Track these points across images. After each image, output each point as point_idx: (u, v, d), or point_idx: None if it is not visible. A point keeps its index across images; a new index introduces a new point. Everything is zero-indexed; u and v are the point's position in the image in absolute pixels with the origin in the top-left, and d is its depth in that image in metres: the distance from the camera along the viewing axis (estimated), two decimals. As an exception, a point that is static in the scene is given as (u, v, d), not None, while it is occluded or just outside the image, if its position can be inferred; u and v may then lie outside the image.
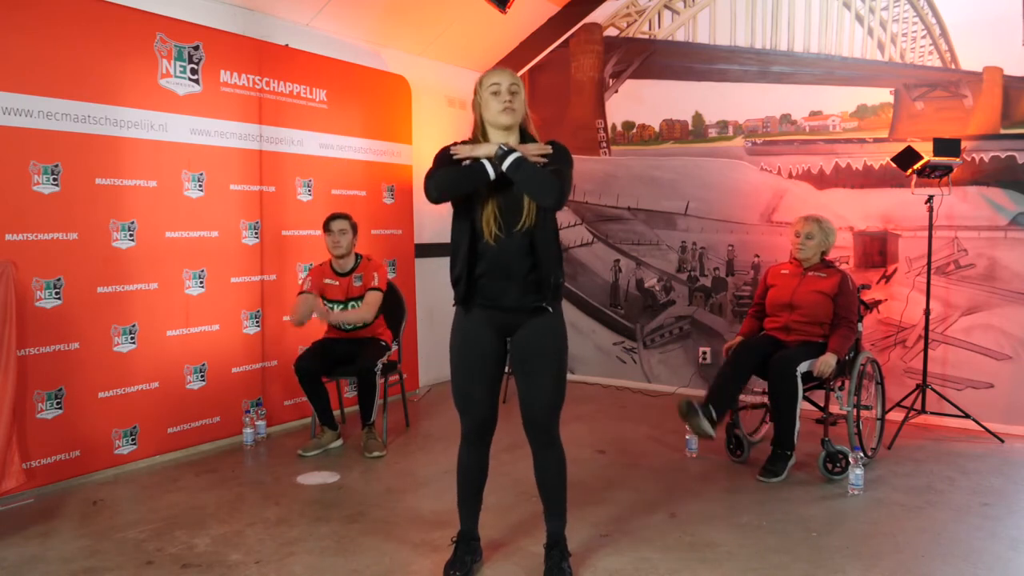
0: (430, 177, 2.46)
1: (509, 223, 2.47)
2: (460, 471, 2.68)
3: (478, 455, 2.65)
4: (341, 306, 4.15)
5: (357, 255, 4.24)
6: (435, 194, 2.44)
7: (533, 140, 2.56)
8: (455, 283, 2.54)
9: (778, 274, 3.99)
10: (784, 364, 3.62)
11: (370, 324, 4.20)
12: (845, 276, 3.83)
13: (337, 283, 4.17)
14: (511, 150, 2.41)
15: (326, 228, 4.15)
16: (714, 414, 3.53)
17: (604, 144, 5.83)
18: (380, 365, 4.09)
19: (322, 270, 4.24)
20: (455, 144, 2.53)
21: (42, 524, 3.13)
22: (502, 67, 2.64)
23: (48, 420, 3.48)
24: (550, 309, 2.54)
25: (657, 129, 5.62)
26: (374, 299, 4.12)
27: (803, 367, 3.63)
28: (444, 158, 2.52)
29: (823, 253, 3.91)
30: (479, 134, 2.56)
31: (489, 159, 2.42)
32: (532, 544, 2.87)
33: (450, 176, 2.44)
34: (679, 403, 3.57)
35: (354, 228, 4.20)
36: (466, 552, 2.68)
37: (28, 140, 3.39)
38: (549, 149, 2.50)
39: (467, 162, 2.47)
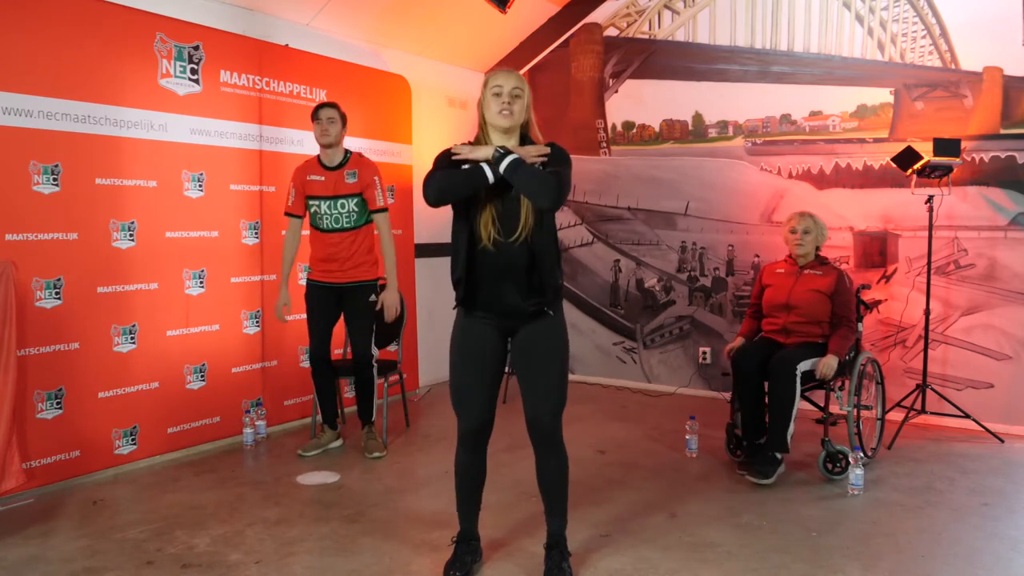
0: (429, 180, 2.47)
1: (508, 228, 2.47)
2: (458, 474, 2.67)
3: (475, 458, 2.64)
4: (328, 202, 3.93)
5: (346, 150, 4.04)
6: (433, 197, 2.45)
7: (533, 143, 2.56)
8: (455, 285, 2.55)
9: (773, 273, 3.98)
10: (783, 364, 3.61)
11: (361, 227, 3.99)
12: (841, 274, 3.83)
13: (323, 178, 3.94)
14: (508, 152, 2.42)
15: (314, 117, 3.91)
16: (776, 455, 3.59)
17: (604, 144, 5.83)
18: (376, 351, 4.04)
19: (306, 167, 4.01)
20: (456, 145, 2.54)
21: (42, 524, 3.13)
22: (505, 68, 2.63)
23: (48, 420, 3.48)
24: (551, 312, 2.55)
25: (657, 129, 5.62)
26: (387, 225, 3.96)
27: (803, 366, 3.62)
28: (444, 160, 2.53)
29: (817, 248, 3.91)
30: (482, 134, 2.57)
31: (488, 162, 2.43)
32: (532, 544, 2.87)
33: (448, 180, 2.45)
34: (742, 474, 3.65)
35: (343, 119, 3.96)
36: (466, 552, 2.68)
37: (28, 140, 3.39)
38: (547, 150, 2.51)
39: (466, 164, 2.47)
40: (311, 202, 3.99)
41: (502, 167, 2.40)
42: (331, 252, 3.96)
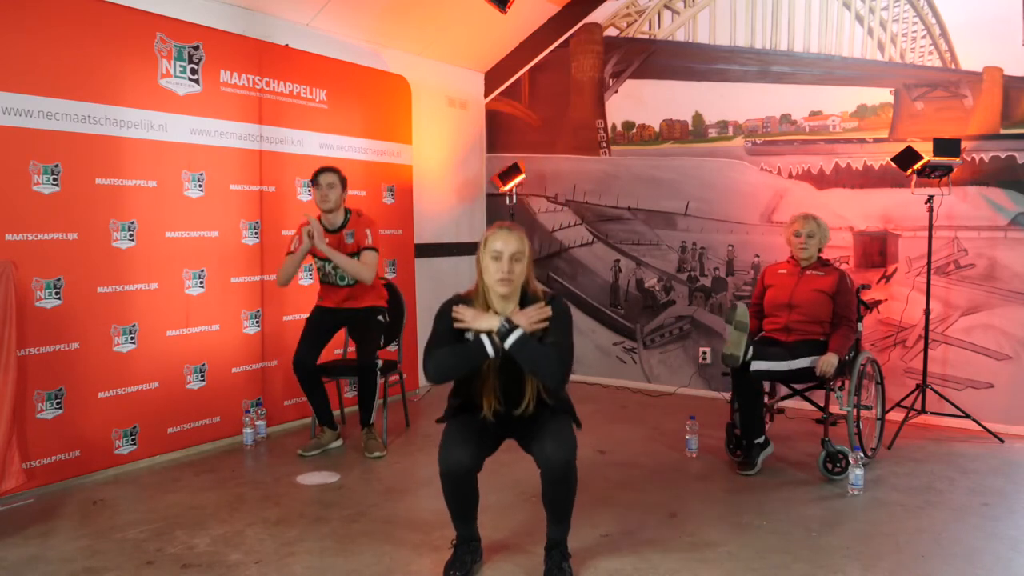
0: (429, 354, 2.48)
1: (510, 398, 2.53)
2: (447, 499, 2.60)
3: (464, 482, 2.54)
4: (331, 264, 4.01)
5: (346, 210, 4.10)
6: (435, 377, 2.47)
7: (534, 299, 2.54)
8: (450, 399, 2.64)
9: (775, 274, 3.99)
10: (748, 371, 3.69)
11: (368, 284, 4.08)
12: (843, 274, 3.83)
13: (326, 240, 4.00)
14: (514, 327, 2.40)
15: (314, 182, 4.00)
16: (766, 444, 3.71)
17: (604, 144, 5.83)
18: (380, 361, 4.06)
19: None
20: (457, 307, 2.51)
21: (42, 524, 3.13)
22: (509, 225, 2.55)
23: (48, 420, 3.48)
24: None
25: (657, 129, 5.62)
26: (372, 259, 3.99)
27: (802, 362, 3.65)
28: (444, 324, 2.51)
29: (819, 250, 3.92)
30: (481, 292, 2.57)
31: (490, 334, 2.42)
32: (532, 544, 2.87)
33: (450, 359, 2.47)
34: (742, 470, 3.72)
35: (343, 182, 4.03)
36: (466, 552, 2.68)
37: (28, 140, 3.39)
38: (549, 312, 2.48)
39: (469, 334, 2.48)
40: (317, 261, 4.10)
41: (508, 343, 2.40)
42: (340, 297, 4.11)
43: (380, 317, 4.14)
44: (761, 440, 3.76)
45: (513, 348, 2.39)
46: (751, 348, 3.60)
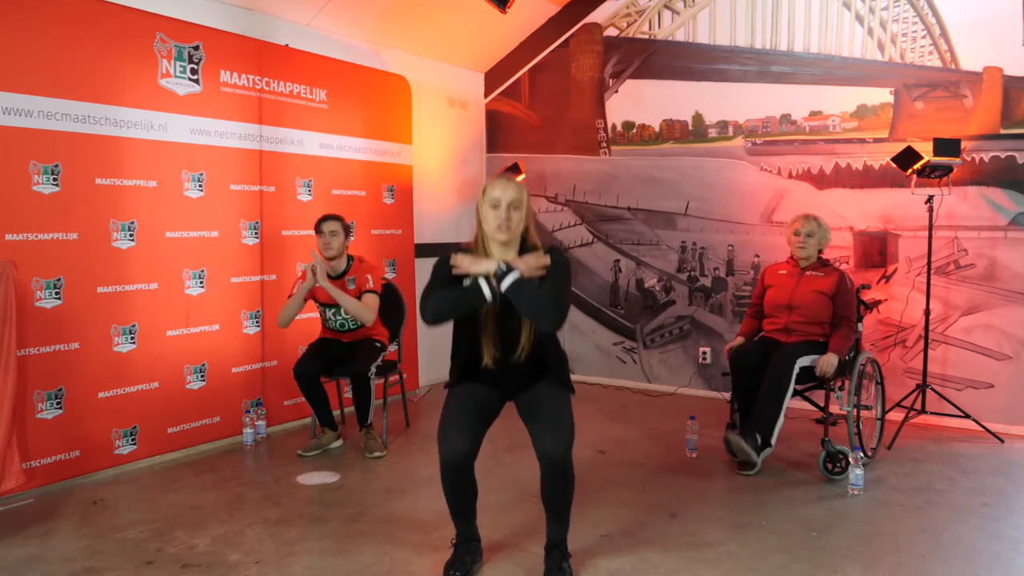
0: (426, 297, 2.48)
1: (508, 346, 2.53)
2: (447, 493, 2.60)
3: (461, 477, 2.53)
4: (333, 310, 4.11)
5: (349, 257, 4.18)
6: (431, 319, 2.47)
7: (533, 248, 2.55)
8: (452, 359, 2.62)
9: (775, 274, 3.99)
10: (784, 356, 3.62)
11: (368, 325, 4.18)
12: (843, 275, 3.83)
13: (329, 286, 4.12)
14: (510, 269, 2.40)
15: (317, 230, 4.09)
16: (759, 439, 3.55)
17: (604, 144, 5.83)
18: (375, 369, 4.06)
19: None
20: (456, 254, 2.51)
21: (42, 524, 3.13)
22: (507, 176, 2.58)
23: (48, 420, 3.48)
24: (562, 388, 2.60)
25: (657, 129, 5.62)
26: (372, 302, 4.08)
27: (803, 362, 3.63)
28: (443, 270, 2.52)
29: (820, 251, 3.92)
30: (480, 241, 2.56)
31: (487, 277, 2.42)
32: (532, 544, 2.87)
33: (447, 301, 2.47)
34: (727, 441, 3.67)
35: (346, 230, 4.14)
36: (466, 552, 2.68)
37: (28, 140, 3.39)
38: (547, 261, 2.49)
39: (466, 280, 2.48)
40: (319, 305, 4.16)
41: (504, 285, 2.40)
42: (342, 339, 4.19)
43: (378, 344, 4.21)
44: (773, 441, 3.62)
45: (510, 290, 2.39)
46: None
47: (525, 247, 2.57)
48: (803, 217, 3.93)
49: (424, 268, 5.52)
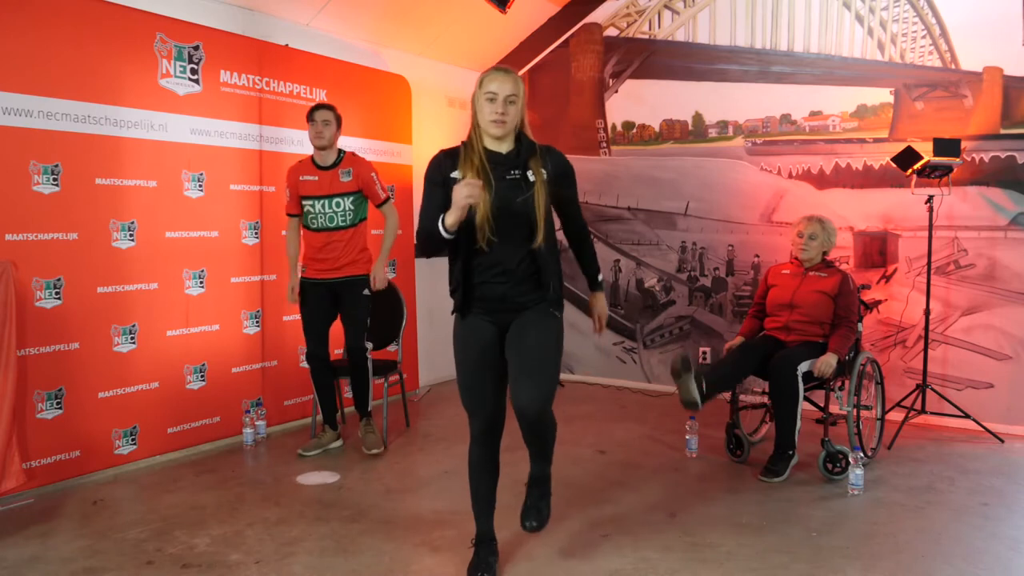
0: (418, 234, 2.52)
1: (503, 227, 2.41)
2: (472, 472, 2.61)
3: (489, 453, 2.58)
4: (323, 201, 3.94)
5: (340, 150, 4.04)
6: (421, 254, 2.48)
7: (529, 142, 2.50)
8: (453, 293, 2.52)
9: (779, 274, 3.99)
10: (785, 364, 3.62)
11: (356, 226, 4.02)
12: (846, 276, 3.83)
13: (316, 178, 3.94)
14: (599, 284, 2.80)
15: (309, 118, 3.92)
16: (704, 386, 3.49)
17: (604, 144, 5.83)
18: (370, 344, 4.03)
19: (299, 167, 4.01)
20: (462, 182, 2.36)
21: (42, 524, 3.13)
22: (505, 68, 2.53)
23: (48, 420, 3.48)
24: (552, 310, 2.50)
25: (657, 129, 5.62)
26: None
27: (804, 367, 3.63)
28: (434, 176, 2.48)
29: (824, 253, 3.91)
30: (474, 133, 2.50)
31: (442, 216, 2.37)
32: (535, 544, 2.88)
33: (427, 243, 2.47)
34: (675, 358, 3.50)
35: (338, 120, 3.96)
36: (489, 553, 2.65)
37: (28, 140, 3.39)
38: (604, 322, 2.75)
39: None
40: (304, 202, 4.00)
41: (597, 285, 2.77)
42: (325, 250, 3.98)
43: (365, 291, 4.04)
44: (792, 451, 3.65)
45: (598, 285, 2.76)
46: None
47: (520, 139, 2.50)
48: (807, 219, 3.93)
49: (424, 268, 5.53)
